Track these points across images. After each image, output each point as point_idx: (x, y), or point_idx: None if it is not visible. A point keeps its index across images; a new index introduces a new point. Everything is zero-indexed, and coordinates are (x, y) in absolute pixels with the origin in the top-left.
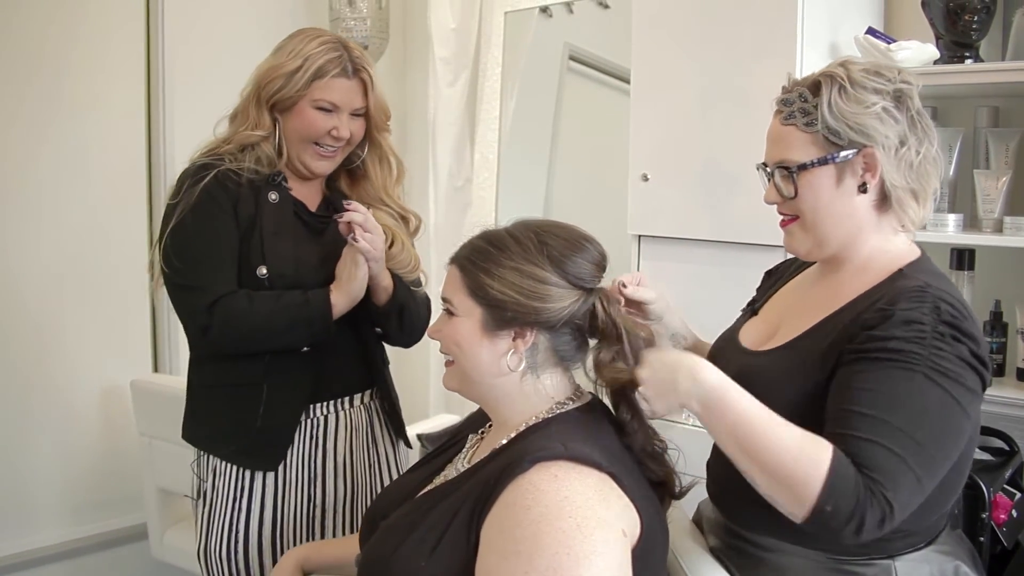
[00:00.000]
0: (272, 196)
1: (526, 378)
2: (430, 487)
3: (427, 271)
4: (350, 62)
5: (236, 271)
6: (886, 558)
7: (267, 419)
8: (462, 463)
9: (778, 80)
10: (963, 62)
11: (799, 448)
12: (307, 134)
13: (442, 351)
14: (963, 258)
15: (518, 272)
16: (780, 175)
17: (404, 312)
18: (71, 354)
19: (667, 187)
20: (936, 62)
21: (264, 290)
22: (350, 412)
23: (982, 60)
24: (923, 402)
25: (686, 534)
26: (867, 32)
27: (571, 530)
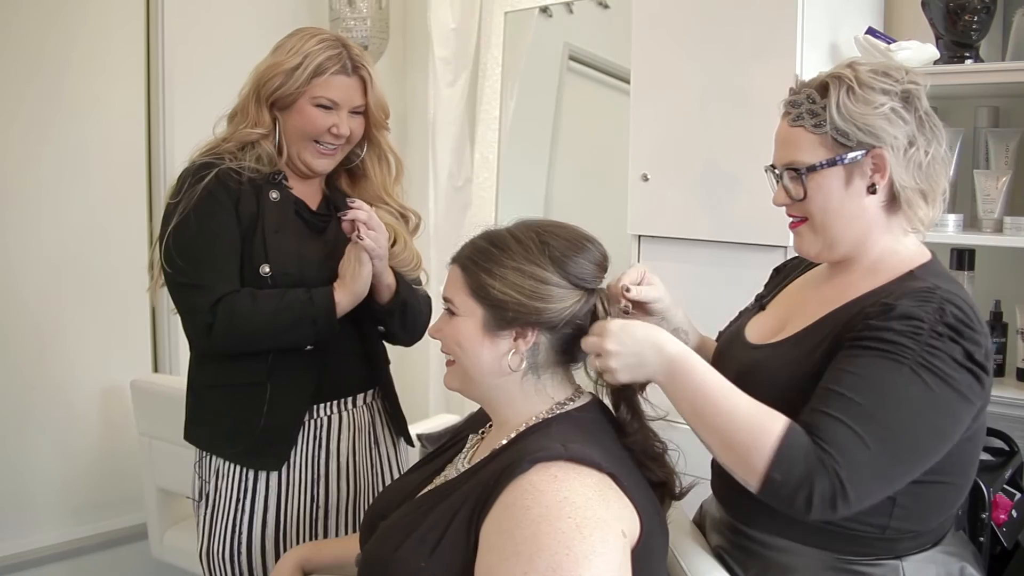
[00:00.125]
0: (273, 194)
1: (527, 378)
2: (430, 487)
3: (427, 270)
4: (349, 60)
5: (239, 270)
6: (893, 558)
7: (271, 419)
8: (462, 463)
9: (778, 80)
10: (963, 62)
11: (752, 417)
12: (307, 131)
13: (443, 351)
14: (963, 258)
15: (520, 272)
16: (789, 177)
17: (407, 310)
18: (71, 354)
19: (667, 187)
20: (936, 62)
21: (267, 288)
22: (353, 412)
23: (982, 60)
24: (902, 393)
25: (686, 534)
26: (867, 32)
27: (570, 530)
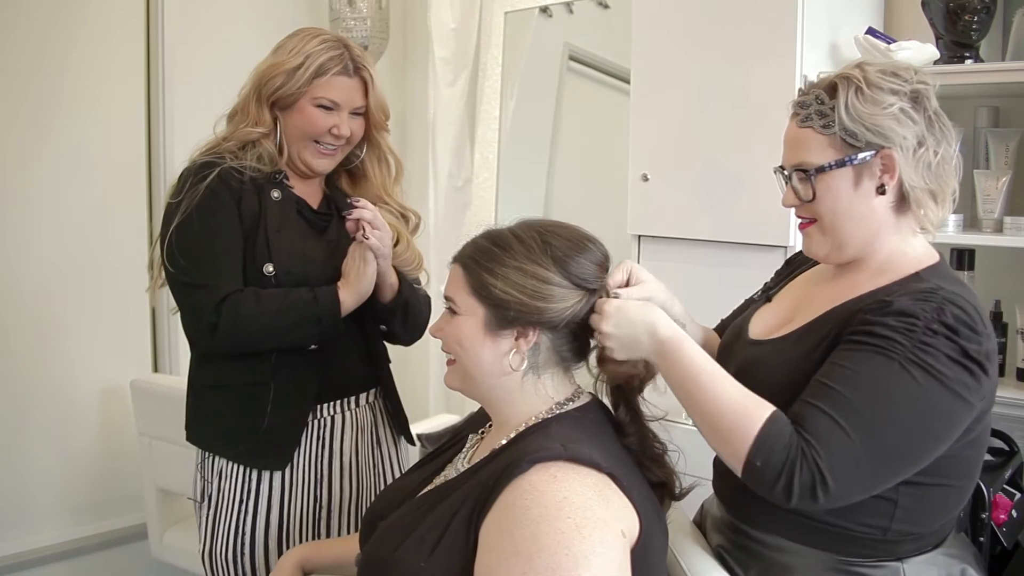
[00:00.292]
0: (275, 194)
1: (527, 378)
2: (430, 487)
3: (427, 270)
4: (351, 61)
5: (241, 269)
6: (894, 560)
7: (275, 419)
8: (462, 463)
9: (778, 80)
10: (963, 62)
11: (739, 403)
12: (307, 132)
13: (444, 350)
14: (963, 258)
15: (521, 272)
16: (798, 178)
17: (408, 309)
18: (71, 354)
19: (667, 187)
20: (936, 62)
21: (271, 288)
22: (356, 412)
23: (982, 60)
24: (891, 389)
25: (686, 534)
26: (867, 32)
27: (570, 530)
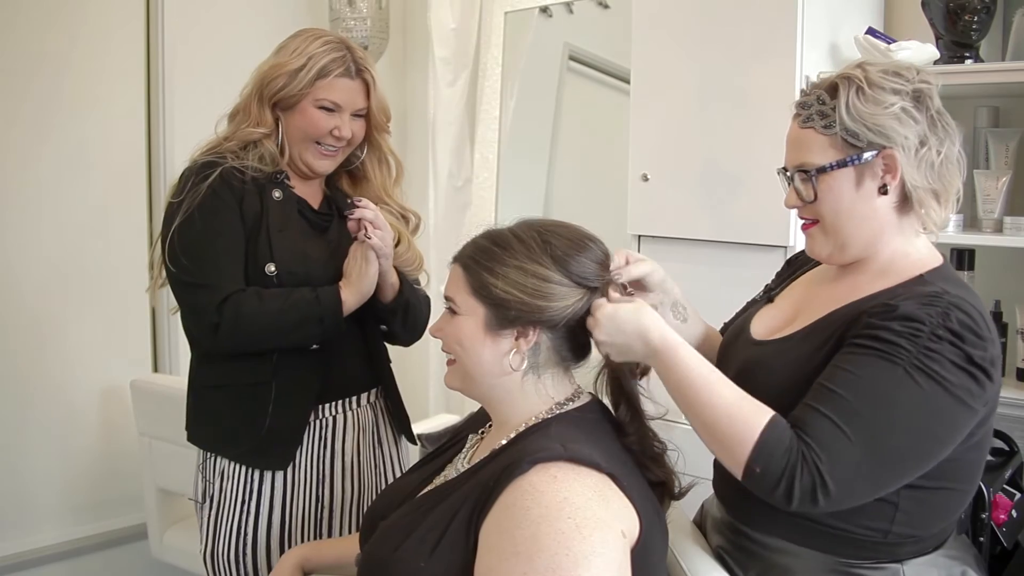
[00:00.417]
0: (276, 194)
1: (527, 378)
2: (430, 487)
3: (427, 271)
4: (353, 63)
5: (243, 269)
6: (894, 562)
7: (276, 419)
8: (462, 463)
9: (778, 80)
10: (963, 62)
11: (736, 408)
12: (309, 133)
13: (444, 350)
14: (963, 258)
15: (522, 271)
16: (800, 179)
17: (409, 309)
18: (71, 354)
19: (667, 187)
20: (936, 62)
21: (272, 287)
22: (357, 412)
23: (982, 60)
24: (893, 394)
25: (686, 534)
26: (867, 32)
27: (570, 531)
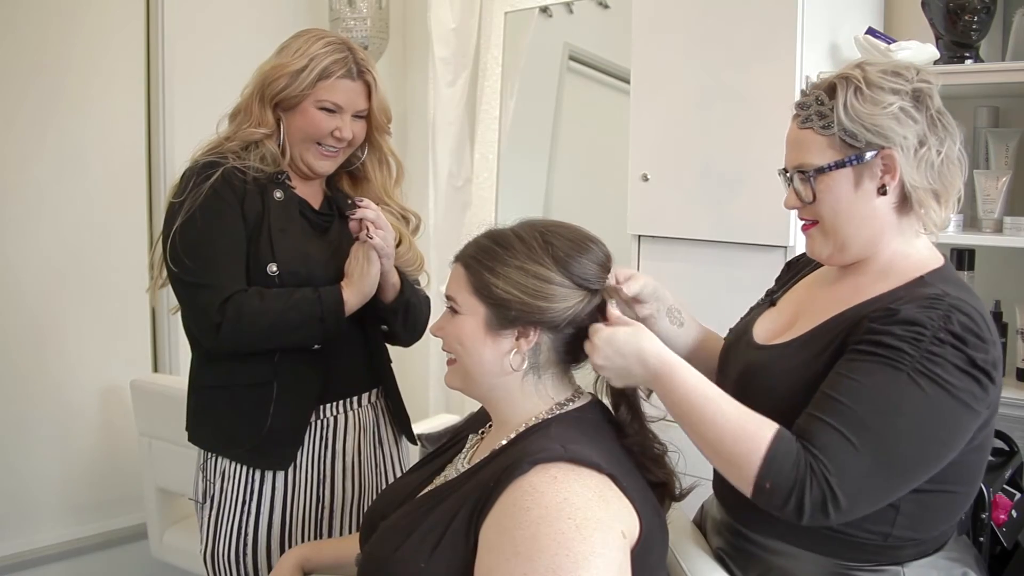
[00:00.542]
0: (278, 194)
1: (527, 378)
2: (430, 488)
3: (428, 271)
4: (355, 64)
5: (245, 269)
6: (894, 564)
7: (278, 419)
8: (462, 463)
9: (778, 80)
10: (963, 62)
11: (740, 427)
12: (310, 134)
13: (444, 349)
14: (963, 258)
15: (523, 271)
16: (799, 179)
17: (410, 309)
18: (71, 354)
19: (667, 187)
20: (936, 62)
21: (274, 287)
22: (358, 412)
23: (982, 60)
24: (899, 401)
25: (687, 535)
26: (867, 32)
27: (570, 531)
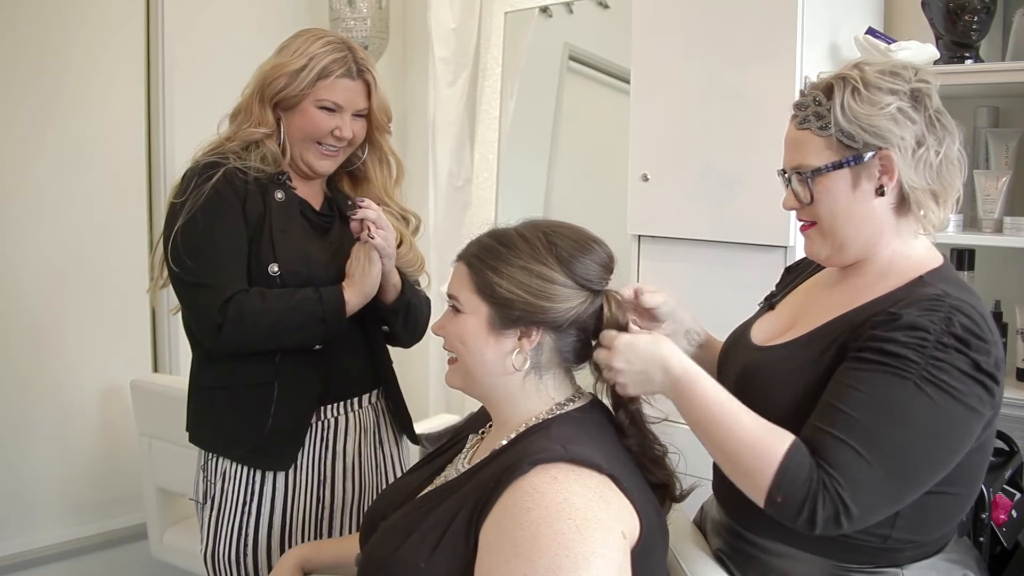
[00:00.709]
0: (279, 195)
1: (528, 378)
2: (430, 488)
3: (428, 272)
4: (354, 63)
5: (246, 270)
6: (894, 567)
7: (278, 419)
8: (462, 464)
9: (778, 80)
10: (963, 62)
11: (756, 438)
12: (310, 133)
13: (446, 348)
14: (963, 258)
15: (526, 271)
16: (797, 180)
17: (411, 310)
18: (71, 354)
19: (667, 187)
20: (936, 62)
21: (275, 288)
22: (359, 413)
23: (982, 60)
24: (907, 411)
25: (687, 536)
26: (867, 32)
27: (570, 532)
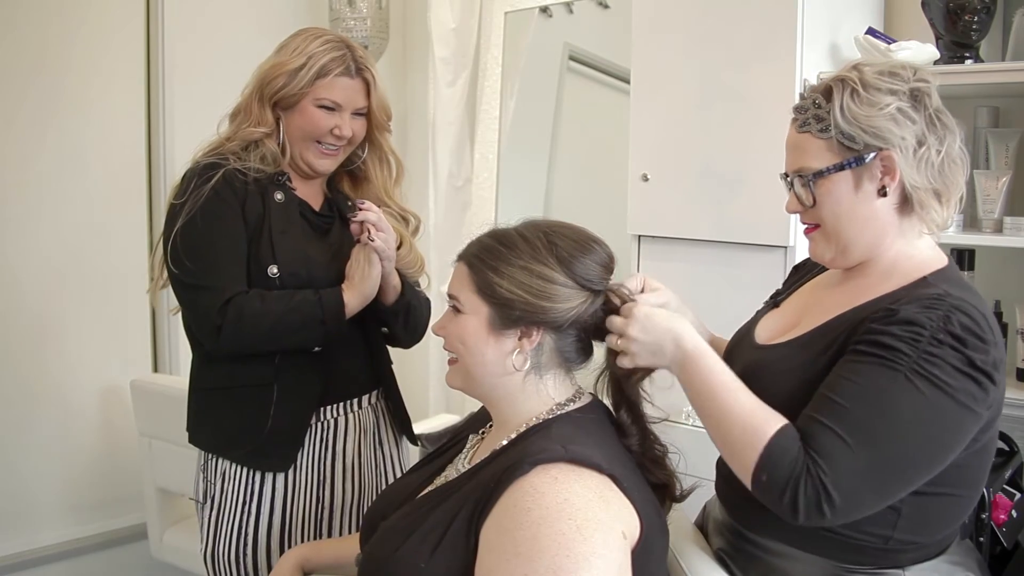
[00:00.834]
0: (278, 196)
1: (529, 378)
2: (430, 488)
3: (428, 272)
4: (353, 62)
5: (246, 271)
6: (895, 568)
7: (278, 420)
8: (462, 464)
9: (778, 80)
10: (963, 62)
11: (749, 416)
12: (309, 132)
13: (446, 348)
14: (963, 258)
15: (527, 271)
16: (799, 183)
17: (410, 311)
18: (71, 354)
19: (667, 187)
20: (936, 62)
21: (275, 289)
22: (359, 414)
23: (982, 60)
24: (896, 402)
25: (687, 536)
26: (867, 32)
27: (571, 532)
